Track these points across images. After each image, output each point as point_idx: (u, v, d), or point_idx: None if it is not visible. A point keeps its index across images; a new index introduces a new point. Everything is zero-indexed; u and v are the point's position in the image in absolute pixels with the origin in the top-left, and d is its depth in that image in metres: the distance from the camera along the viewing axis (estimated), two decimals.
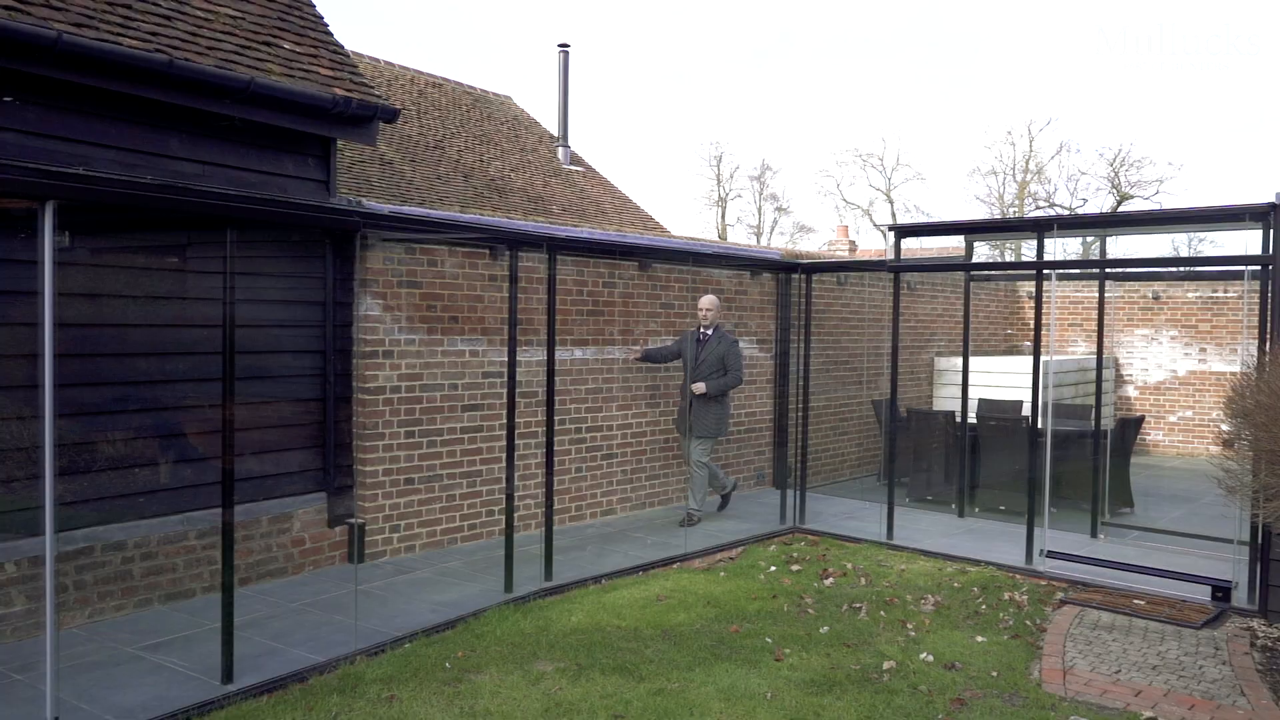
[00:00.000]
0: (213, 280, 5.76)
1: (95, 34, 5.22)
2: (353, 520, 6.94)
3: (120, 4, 5.64)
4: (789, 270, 9.80)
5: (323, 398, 6.81)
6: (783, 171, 65.64)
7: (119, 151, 5.59)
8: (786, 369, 10.27)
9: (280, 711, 4.39)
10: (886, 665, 5.11)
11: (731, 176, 45.41)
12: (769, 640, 5.50)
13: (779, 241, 43.03)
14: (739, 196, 45.70)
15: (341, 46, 7.10)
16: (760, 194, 44.50)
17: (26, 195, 3.99)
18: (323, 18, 7.22)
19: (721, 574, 6.99)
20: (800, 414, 9.10)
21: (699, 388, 8.25)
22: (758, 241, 42.22)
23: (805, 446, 9.05)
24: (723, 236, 41.58)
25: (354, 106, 6.43)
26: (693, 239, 13.29)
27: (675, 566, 7.21)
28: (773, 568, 7.15)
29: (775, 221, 44.56)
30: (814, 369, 9.64)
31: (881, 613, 6.07)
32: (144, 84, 5.45)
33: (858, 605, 6.19)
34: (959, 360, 10.52)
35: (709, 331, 8.40)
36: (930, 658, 5.25)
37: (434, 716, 4.37)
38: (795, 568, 7.16)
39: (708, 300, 8.49)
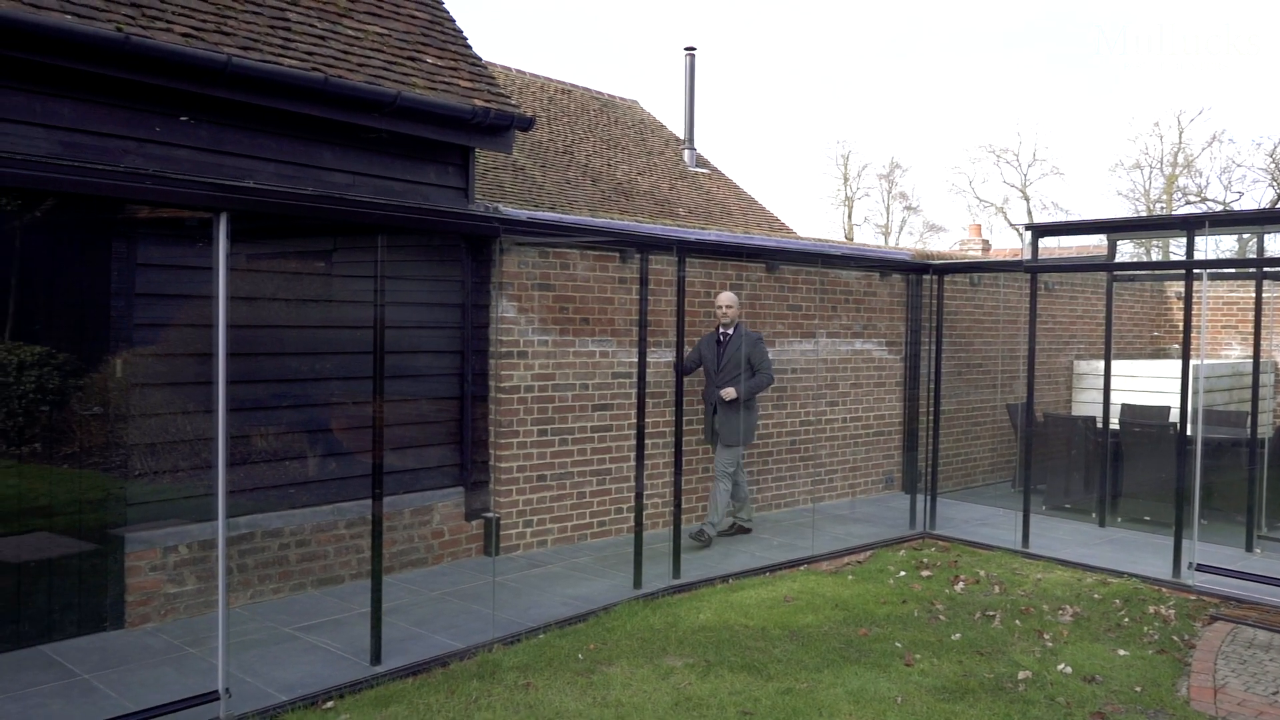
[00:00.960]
0: (360, 284, 6.10)
1: (259, 56, 5.60)
2: (489, 514, 7.22)
3: (281, 27, 6.03)
4: (920, 271, 9.63)
5: (460, 396, 7.10)
6: (912, 169, 64.09)
7: (278, 164, 5.98)
8: (916, 372, 10.09)
9: (425, 693, 4.63)
10: (1022, 675, 5.00)
11: (859, 175, 44.65)
12: (898, 645, 5.45)
13: (908, 241, 42.12)
14: (866, 195, 44.92)
15: (480, 59, 7.39)
16: (888, 193, 43.64)
17: (204, 207, 4.34)
18: (462, 32, 7.52)
19: (849, 577, 6.95)
20: (930, 418, 8.93)
21: (728, 393, 7.51)
22: (885, 241, 41.41)
23: (936, 451, 8.88)
24: (849, 237, 40.96)
25: (492, 116, 6.68)
26: (819, 240, 13.19)
27: (802, 568, 7.21)
28: (902, 573, 7.07)
29: (904, 221, 43.64)
30: (945, 372, 9.45)
31: (1016, 621, 5.93)
32: (302, 100, 5.82)
33: (991, 613, 6.06)
34: (1100, 364, 10.12)
35: (729, 331, 7.68)
36: (1068, 669, 5.10)
37: (568, 705, 4.52)
38: (925, 573, 7.06)
39: (726, 297, 7.72)
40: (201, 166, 5.57)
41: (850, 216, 43.34)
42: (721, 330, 7.70)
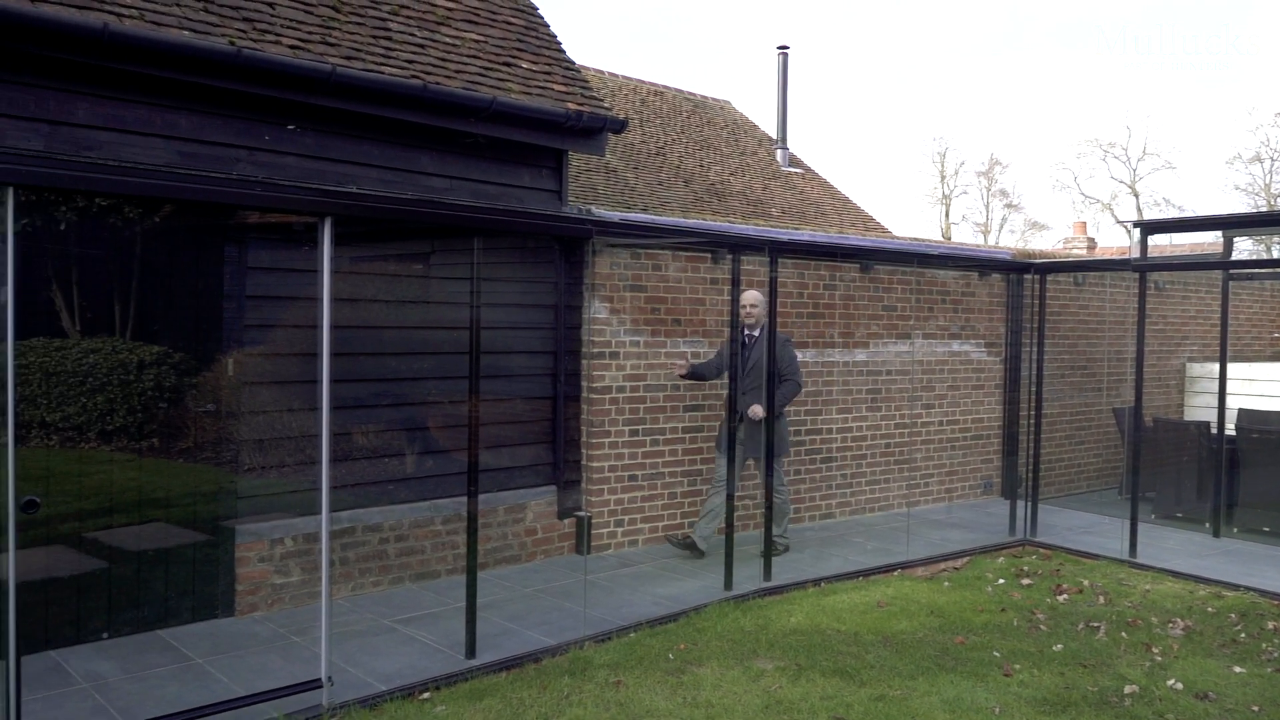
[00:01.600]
0: (457, 285, 6.23)
1: (362, 65, 5.79)
2: (580, 513, 7.30)
3: (382, 36, 6.21)
4: (1021, 270, 9.36)
5: (553, 396, 7.20)
6: (1013, 166, 62.25)
7: (380, 170, 6.16)
8: (1017, 374, 9.81)
9: (518, 688, 4.71)
10: (1128, 689, 4.81)
11: (956, 173, 43.61)
12: (997, 654, 5.31)
13: (1008, 240, 40.94)
14: (964, 193, 43.89)
15: (573, 63, 7.47)
16: (988, 190, 42.50)
17: (310, 212, 4.51)
18: (556, 37, 7.62)
19: (945, 584, 6.80)
20: (1032, 421, 8.67)
21: (756, 411, 6.84)
22: (984, 240, 40.31)
23: (1037, 455, 8.61)
24: (946, 236, 40.03)
25: (585, 119, 6.75)
26: (915, 239, 12.93)
27: (896, 573, 7.08)
28: (1001, 580, 6.88)
29: (1004, 219, 42.44)
30: (1047, 374, 9.15)
31: (1123, 634, 5.71)
32: (401, 107, 5.98)
33: (1095, 624, 5.85)
34: (1215, 366, 9.67)
35: (755, 333, 7.08)
36: (1179, 685, 4.89)
37: (658, 704, 4.54)
38: (1025, 581, 6.85)
39: (751, 296, 7.05)
40: (307, 173, 5.78)
41: (947, 215, 42.38)
42: (746, 332, 7.10)
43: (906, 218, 56.19)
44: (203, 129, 5.43)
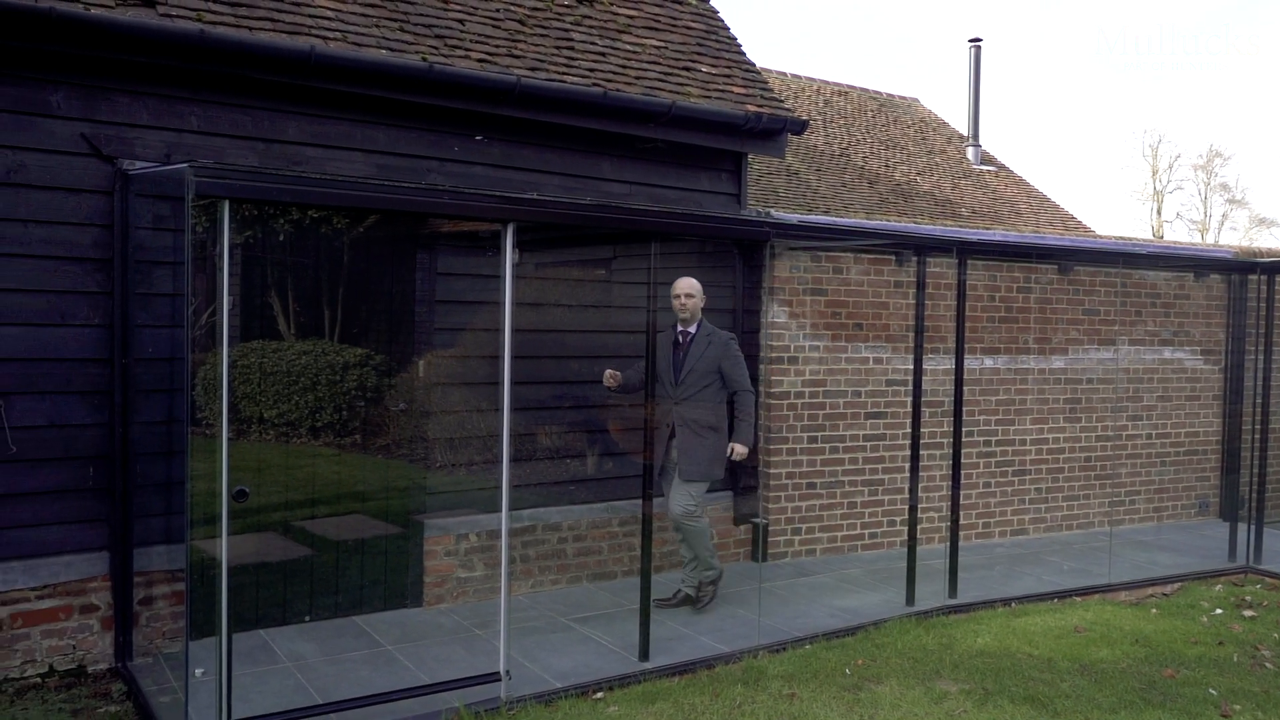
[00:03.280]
0: (636, 290, 6.29)
1: (545, 75, 5.94)
2: (757, 520, 7.20)
3: (565, 47, 6.36)
4: (1244, 271, 8.54)
5: (729, 401, 7.13)
6: (1235, 158, 57.22)
7: (562, 177, 6.30)
8: (1240, 384, 8.95)
9: (690, 694, 4.68)
10: None
11: (1170, 167, 40.42)
12: (1213, 691, 4.84)
13: (1230, 238, 37.63)
14: (1179, 189, 40.80)
15: (753, 65, 7.40)
16: (1207, 184, 39.20)
17: (495, 219, 4.66)
18: (736, 39, 7.57)
19: (1153, 611, 6.27)
20: (1257, 436, 7.88)
21: (740, 452, 5.82)
22: (1202, 239, 37.19)
23: (1263, 474, 7.82)
24: (1157, 235, 37.19)
25: (764, 121, 6.67)
26: (1121, 238, 12.06)
27: (1096, 597, 6.59)
28: (1218, 610, 6.28)
29: (1225, 215, 39.07)
30: (1275, 385, 8.30)
31: None
32: (581, 115, 6.10)
33: None
34: None
35: (691, 330, 5.88)
36: None
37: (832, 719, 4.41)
38: (1248, 613, 6.22)
39: (685, 284, 5.87)
40: (494, 182, 5.99)
41: (1159, 212, 39.38)
42: (680, 329, 5.92)
43: (1112, 216, 52.65)
44: (397, 142, 5.72)
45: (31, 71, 4.74)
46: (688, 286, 5.89)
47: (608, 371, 5.87)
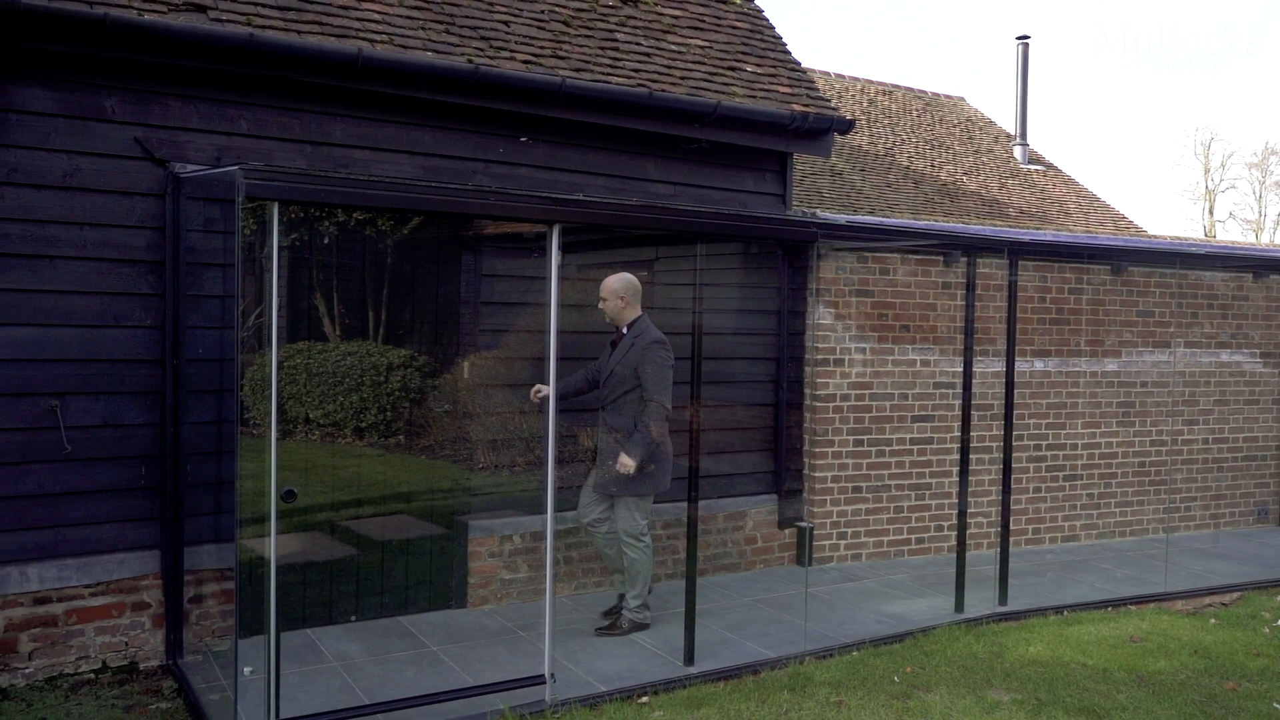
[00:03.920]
0: (680, 291, 6.25)
1: (590, 76, 5.92)
2: (802, 523, 7.12)
3: (610, 48, 6.34)
4: None
5: (775, 403, 7.07)
6: None
7: (607, 178, 6.28)
8: None
9: (736, 699, 4.62)
10: None
11: (1223, 165, 39.45)
12: (1278, 706, 4.68)
13: None
14: (1232, 187, 39.89)
15: (799, 64, 7.33)
16: (1262, 183, 38.21)
17: (541, 220, 4.64)
18: (782, 39, 7.50)
19: (1212, 621, 6.10)
20: None
21: (625, 464, 5.26)
22: (1256, 238, 36.29)
23: None
24: (1210, 234, 36.35)
25: (810, 120, 6.59)
26: (1174, 238, 11.79)
27: (1151, 606, 6.43)
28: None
29: None
30: None
31: None
32: (626, 115, 6.07)
33: None
34: None
35: (623, 331, 5.51)
36: None
37: None
38: None
39: (613, 284, 5.43)
40: (539, 183, 5.98)
41: (1211, 212, 38.47)
42: (617, 330, 5.58)
43: (1162, 215, 51.59)
44: (443, 144, 5.73)
45: (86, 77, 4.81)
46: (615, 286, 5.43)
47: (539, 386, 5.31)
